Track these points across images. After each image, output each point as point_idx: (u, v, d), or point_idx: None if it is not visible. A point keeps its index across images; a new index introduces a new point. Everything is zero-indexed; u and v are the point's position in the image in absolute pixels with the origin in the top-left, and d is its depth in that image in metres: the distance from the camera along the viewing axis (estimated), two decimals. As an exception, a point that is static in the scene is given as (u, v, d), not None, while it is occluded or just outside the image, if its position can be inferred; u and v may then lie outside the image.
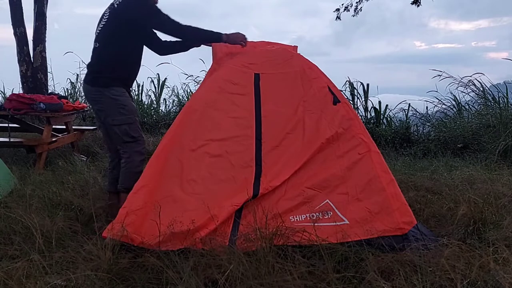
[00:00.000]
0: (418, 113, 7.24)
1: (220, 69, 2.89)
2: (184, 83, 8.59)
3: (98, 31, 2.85)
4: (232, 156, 2.56)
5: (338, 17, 9.76)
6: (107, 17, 2.81)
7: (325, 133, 2.59)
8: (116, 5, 2.81)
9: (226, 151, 2.58)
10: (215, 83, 2.81)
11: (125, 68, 2.90)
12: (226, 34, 2.85)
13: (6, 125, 4.77)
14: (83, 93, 9.09)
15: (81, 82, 9.11)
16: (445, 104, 7.27)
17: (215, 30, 2.86)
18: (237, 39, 2.88)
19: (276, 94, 2.76)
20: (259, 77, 2.81)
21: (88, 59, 2.91)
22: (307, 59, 2.92)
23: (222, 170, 2.52)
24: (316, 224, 2.29)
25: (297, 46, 3.12)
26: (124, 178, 2.84)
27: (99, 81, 2.81)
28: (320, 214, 2.37)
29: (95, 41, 2.86)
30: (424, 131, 6.84)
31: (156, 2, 2.86)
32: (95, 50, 2.87)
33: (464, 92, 7.04)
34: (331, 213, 2.38)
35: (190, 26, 2.79)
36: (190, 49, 3.17)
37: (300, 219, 2.36)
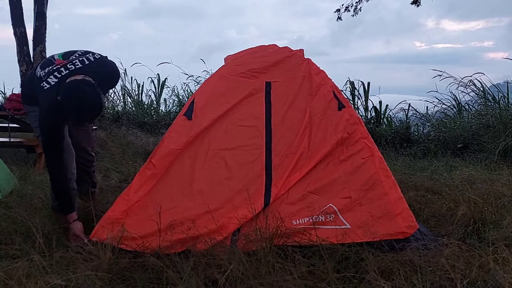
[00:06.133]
0: (418, 113, 7.25)
1: (228, 77, 2.88)
2: (185, 83, 8.60)
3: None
4: (242, 166, 2.54)
5: (339, 18, 9.77)
6: None
7: (330, 139, 2.60)
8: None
9: (236, 161, 2.56)
10: (223, 91, 2.79)
11: None
12: (74, 221, 2.46)
13: (6, 125, 4.77)
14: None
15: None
16: (445, 104, 7.29)
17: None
18: (74, 234, 2.44)
19: (286, 101, 2.76)
20: (271, 85, 2.81)
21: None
22: (315, 64, 2.92)
23: (233, 180, 2.50)
24: (317, 227, 2.29)
25: (303, 50, 3.11)
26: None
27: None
28: (323, 216, 2.37)
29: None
30: (424, 131, 6.85)
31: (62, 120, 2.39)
32: None
33: (464, 92, 7.06)
34: (333, 216, 2.37)
35: (54, 169, 2.44)
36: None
37: (303, 222, 2.36)
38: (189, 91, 8.42)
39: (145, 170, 2.51)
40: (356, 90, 7.51)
